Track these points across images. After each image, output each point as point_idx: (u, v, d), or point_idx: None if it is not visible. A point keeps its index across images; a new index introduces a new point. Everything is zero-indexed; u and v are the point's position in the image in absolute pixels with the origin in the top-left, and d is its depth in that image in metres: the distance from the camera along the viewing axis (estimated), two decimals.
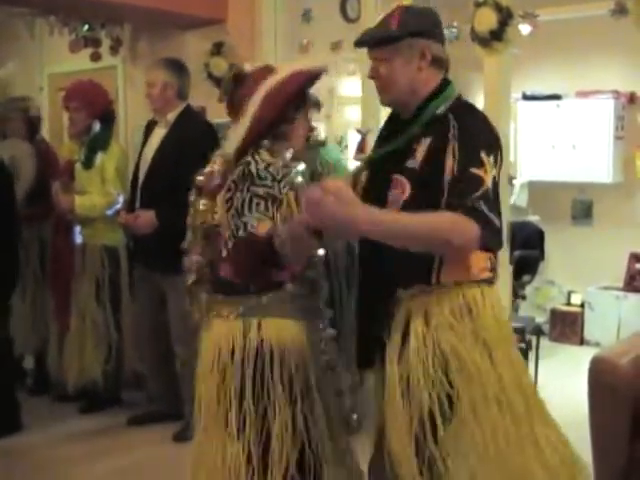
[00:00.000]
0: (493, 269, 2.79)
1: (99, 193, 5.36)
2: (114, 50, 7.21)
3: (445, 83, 2.81)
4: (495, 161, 2.59)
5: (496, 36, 5.17)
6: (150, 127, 5.26)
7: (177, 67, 5.17)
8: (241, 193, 2.86)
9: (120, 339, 5.47)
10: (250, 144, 2.95)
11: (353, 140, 7.10)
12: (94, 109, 5.41)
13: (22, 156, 5.62)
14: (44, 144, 6.12)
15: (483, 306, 2.71)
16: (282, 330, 2.95)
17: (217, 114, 6.26)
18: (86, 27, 7.12)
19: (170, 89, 5.06)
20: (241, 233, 2.82)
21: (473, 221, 2.46)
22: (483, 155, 2.57)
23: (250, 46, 6.46)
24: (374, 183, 2.86)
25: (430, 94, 2.77)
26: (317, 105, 3.15)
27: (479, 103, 7.92)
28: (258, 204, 2.83)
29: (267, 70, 3.07)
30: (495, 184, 2.57)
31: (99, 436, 5.22)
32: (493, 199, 2.54)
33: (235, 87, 3.14)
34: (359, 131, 3.60)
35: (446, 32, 6.23)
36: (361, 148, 3.40)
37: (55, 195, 5.42)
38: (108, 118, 5.53)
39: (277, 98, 2.94)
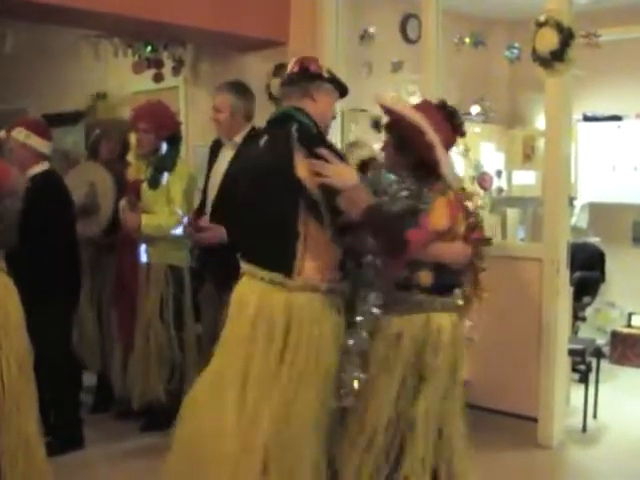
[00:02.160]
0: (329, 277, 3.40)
1: (165, 213, 5.41)
2: (176, 71, 7.29)
3: None
4: None
5: (557, 56, 5.16)
6: (215, 148, 5.30)
7: (243, 90, 5.21)
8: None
9: (183, 359, 5.52)
10: None
11: None
12: (163, 130, 5.46)
13: (103, 187, 5.67)
14: (126, 167, 6.12)
15: (304, 314, 3.33)
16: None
17: None
18: (149, 48, 7.22)
19: (238, 113, 5.09)
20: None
21: None
22: None
23: None
24: None
25: None
26: (377, 126, 3.36)
27: (540, 124, 7.92)
28: None
29: None
30: None
31: (158, 454, 5.22)
32: None
33: None
34: None
35: (507, 52, 6.31)
36: None
37: (122, 213, 5.48)
38: (175, 139, 5.58)
39: None
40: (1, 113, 9.13)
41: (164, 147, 5.48)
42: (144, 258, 5.50)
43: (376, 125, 6.59)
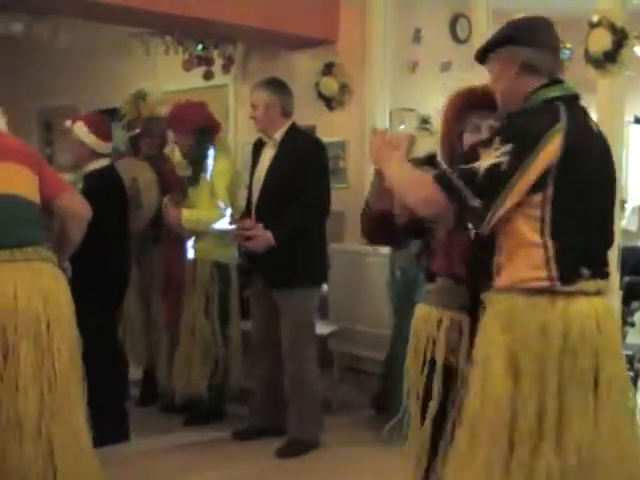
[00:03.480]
0: (554, 277, 2.71)
1: (207, 207, 5.46)
2: (226, 69, 7.33)
3: (543, 86, 2.84)
4: (513, 153, 2.65)
5: (610, 57, 5.11)
6: (257, 146, 5.33)
7: (277, 86, 5.23)
8: None
9: (227, 354, 5.56)
10: None
11: None
12: (193, 126, 5.50)
13: (146, 182, 5.74)
14: (170, 164, 6.20)
15: (525, 316, 2.70)
16: None
17: (327, 133, 6.34)
18: (200, 46, 7.26)
19: (273, 109, 5.12)
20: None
21: (439, 187, 2.74)
22: (497, 140, 2.70)
23: (360, 66, 6.51)
24: None
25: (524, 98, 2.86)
26: (425, 122, 3.37)
27: None
28: None
29: None
30: (497, 172, 2.66)
31: (202, 448, 5.29)
32: (483, 181, 2.67)
33: None
34: None
35: None
36: None
37: (164, 208, 5.55)
38: (211, 131, 5.61)
39: None
40: (51, 108, 9.28)
41: (195, 144, 5.52)
42: (191, 255, 5.56)
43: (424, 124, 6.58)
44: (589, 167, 2.74)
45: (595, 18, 5.13)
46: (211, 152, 5.54)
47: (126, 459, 4.92)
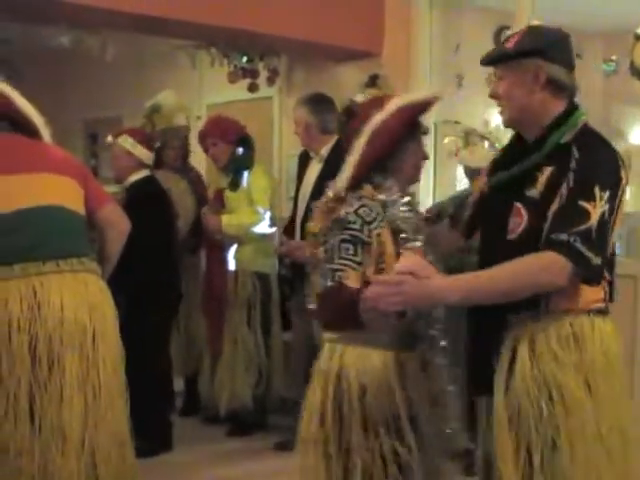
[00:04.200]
0: (606, 299, 2.74)
1: (246, 212, 5.51)
2: (271, 81, 7.35)
3: (571, 109, 2.75)
4: (610, 198, 2.55)
5: None
6: (303, 158, 5.37)
7: (317, 103, 5.27)
8: (333, 238, 2.89)
9: (269, 365, 5.57)
10: (359, 181, 2.96)
11: None
12: (229, 135, 5.63)
13: (180, 192, 5.80)
14: (195, 173, 6.31)
15: (591, 338, 2.66)
16: (364, 359, 2.88)
17: None
18: (245, 59, 7.29)
19: (312, 127, 5.19)
20: (329, 282, 2.84)
21: (566, 259, 2.49)
22: (597, 189, 2.54)
23: (405, 79, 6.49)
24: (494, 208, 2.85)
25: (554, 121, 2.72)
26: (425, 132, 3.18)
27: (635, 139, 7.78)
28: (347, 249, 2.84)
29: (376, 104, 3.04)
30: (604, 221, 2.53)
31: (244, 459, 5.31)
32: (597, 236, 2.52)
33: (347, 120, 3.13)
34: None
35: (604, 66, 6.22)
36: None
37: (203, 216, 5.61)
38: (245, 142, 5.69)
39: (384, 135, 2.94)
40: (96, 120, 9.37)
41: (239, 151, 5.58)
42: (231, 265, 5.60)
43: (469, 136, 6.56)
44: None
45: None
46: (251, 161, 5.61)
47: (169, 470, 4.96)
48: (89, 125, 9.77)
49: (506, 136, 3.18)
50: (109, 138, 5.40)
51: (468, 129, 6.50)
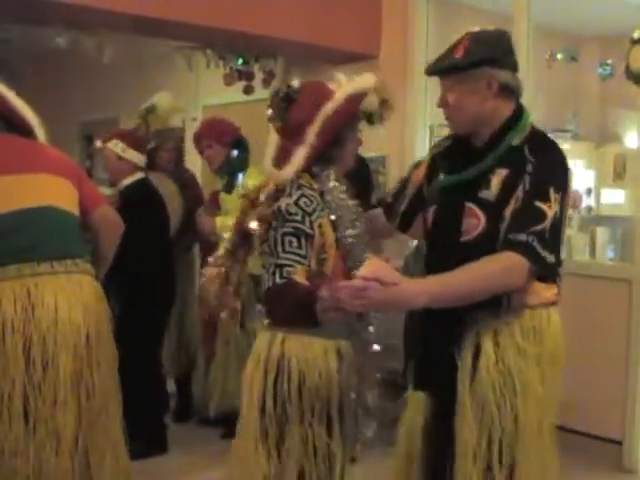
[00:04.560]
0: (559, 293, 2.83)
1: None
2: (266, 83, 7.36)
3: (519, 112, 2.79)
4: (562, 199, 2.65)
5: None
6: None
7: None
8: (275, 232, 2.85)
9: None
10: (305, 171, 2.92)
11: None
12: (224, 137, 5.59)
13: (170, 194, 5.79)
14: (189, 174, 6.31)
15: (548, 329, 2.76)
16: (306, 348, 2.84)
17: (367, 148, 6.33)
18: (240, 61, 7.31)
19: None
20: (277, 279, 2.79)
21: (525, 258, 2.57)
22: (551, 191, 2.63)
23: (402, 82, 6.51)
24: (445, 210, 2.87)
25: (504, 124, 2.76)
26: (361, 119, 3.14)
27: (631, 142, 7.79)
28: (290, 242, 2.80)
29: (315, 90, 3.01)
30: (557, 221, 2.62)
31: None
32: (551, 236, 2.61)
33: (286, 107, 3.02)
34: None
35: (600, 69, 6.23)
36: None
37: (197, 217, 5.61)
38: (240, 144, 5.67)
39: (335, 125, 2.91)
40: (93, 121, 9.38)
41: (234, 153, 5.58)
42: None
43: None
44: None
45: (636, 34, 5.11)
46: (246, 163, 5.62)
47: (164, 472, 4.95)
48: (85, 126, 9.79)
49: None
50: (98, 143, 5.38)
51: None
